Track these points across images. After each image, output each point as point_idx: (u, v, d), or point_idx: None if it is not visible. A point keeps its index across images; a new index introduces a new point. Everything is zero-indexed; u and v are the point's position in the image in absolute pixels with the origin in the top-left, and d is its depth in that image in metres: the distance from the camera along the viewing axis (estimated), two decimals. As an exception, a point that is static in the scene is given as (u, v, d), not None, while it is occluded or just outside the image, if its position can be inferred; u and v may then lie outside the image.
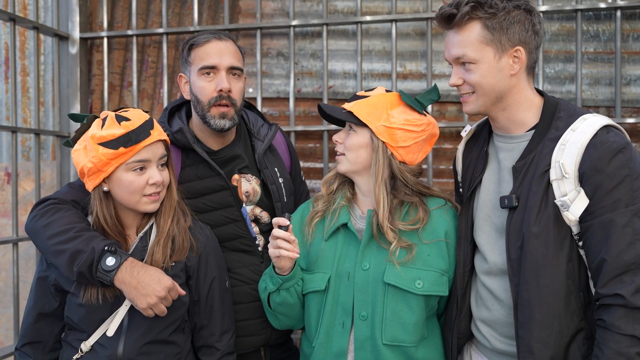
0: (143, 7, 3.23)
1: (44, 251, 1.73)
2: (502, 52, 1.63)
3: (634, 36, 2.79)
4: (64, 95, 3.16)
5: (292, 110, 2.98)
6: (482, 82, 1.65)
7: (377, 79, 3.02)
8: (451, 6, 1.65)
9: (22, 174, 3.26)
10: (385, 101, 1.82)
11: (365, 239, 1.79)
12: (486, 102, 1.68)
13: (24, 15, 3.30)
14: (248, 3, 3.14)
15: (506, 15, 1.62)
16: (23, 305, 3.10)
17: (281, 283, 1.76)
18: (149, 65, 3.23)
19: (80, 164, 1.70)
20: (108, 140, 1.66)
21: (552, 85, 2.86)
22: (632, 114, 2.80)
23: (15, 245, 2.78)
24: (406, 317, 1.74)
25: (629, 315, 1.46)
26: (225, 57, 2.00)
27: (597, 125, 1.56)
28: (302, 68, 3.09)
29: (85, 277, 1.65)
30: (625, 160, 1.51)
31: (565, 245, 1.57)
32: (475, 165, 1.81)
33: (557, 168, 1.57)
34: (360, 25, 2.91)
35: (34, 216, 1.76)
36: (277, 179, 2.14)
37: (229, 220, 2.04)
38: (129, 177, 1.69)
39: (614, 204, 1.49)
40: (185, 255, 1.79)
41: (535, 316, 1.56)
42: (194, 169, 2.05)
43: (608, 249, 1.48)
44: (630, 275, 1.47)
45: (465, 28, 1.64)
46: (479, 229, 1.77)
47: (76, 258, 1.64)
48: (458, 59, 1.67)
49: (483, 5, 1.61)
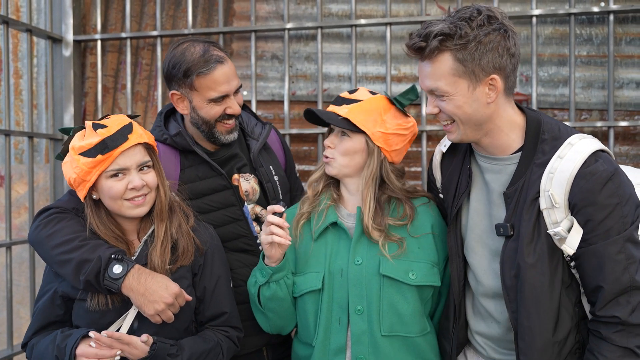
0: (137, 10, 3.22)
1: (48, 261, 1.73)
2: (476, 82, 1.57)
3: (627, 40, 2.81)
4: (57, 98, 3.15)
5: (286, 113, 2.98)
6: (457, 112, 1.61)
7: (371, 82, 3.03)
8: (420, 37, 1.58)
9: (14, 177, 3.24)
10: (377, 106, 1.85)
11: (356, 235, 1.83)
12: (467, 130, 1.65)
13: (16, 17, 3.28)
14: (242, 6, 3.14)
15: (477, 45, 1.54)
16: (16, 309, 3.09)
17: (271, 274, 1.77)
18: (142, 67, 3.22)
19: (67, 175, 1.72)
20: (86, 150, 1.67)
21: (545, 89, 2.87)
22: (624, 117, 2.82)
23: (8, 249, 2.77)
24: (402, 308, 1.78)
25: (625, 331, 1.51)
26: (232, 80, 2.00)
27: (586, 153, 1.54)
28: (297, 71, 3.09)
29: (93, 286, 1.65)
30: (615, 188, 1.52)
31: (559, 270, 1.59)
32: (458, 180, 1.80)
33: (546, 197, 1.56)
34: (354, 29, 2.92)
35: (37, 226, 1.76)
36: (273, 176, 2.15)
37: (231, 219, 2.05)
38: (109, 183, 1.70)
39: (606, 233, 1.51)
40: (191, 259, 1.80)
41: (537, 343, 1.58)
42: (195, 170, 2.05)
43: (604, 277, 1.51)
44: (626, 297, 1.51)
45: (436, 60, 1.58)
46: (471, 250, 1.77)
47: (82, 267, 1.64)
48: (432, 91, 1.64)
49: (453, 37, 1.54)
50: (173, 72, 1.99)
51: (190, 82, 1.96)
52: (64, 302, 1.76)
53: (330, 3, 3.06)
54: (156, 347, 1.67)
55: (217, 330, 1.86)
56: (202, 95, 1.97)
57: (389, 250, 1.80)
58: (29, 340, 1.80)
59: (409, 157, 2.99)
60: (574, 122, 2.72)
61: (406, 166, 2.97)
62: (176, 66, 1.97)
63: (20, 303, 3.21)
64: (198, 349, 1.77)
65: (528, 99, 2.87)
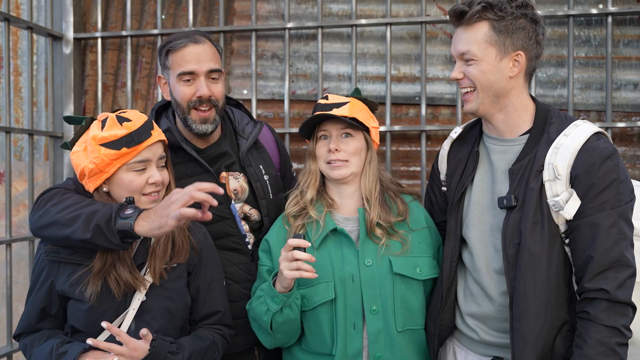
0: (137, 8, 3.22)
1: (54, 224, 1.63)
2: (504, 54, 1.71)
3: (625, 42, 2.83)
4: (57, 95, 3.15)
5: (286, 112, 2.99)
6: (481, 78, 1.73)
7: (371, 82, 3.04)
8: (464, 4, 1.74)
9: (14, 174, 3.24)
10: (362, 105, 1.96)
11: (362, 237, 1.85)
12: (485, 100, 1.75)
13: (17, 14, 3.28)
14: (243, 5, 3.15)
15: (513, 20, 1.70)
16: (16, 306, 3.08)
17: (286, 300, 1.75)
18: (143, 66, 3.23)
19: (81, 165, 1.69)
20: (110, 141, 1.66)
21: (544, 90, 2.89)
22: (622, 119, 2.84)
23: (8, 246, 2.77)
24: (412, 303, 1.85)
25: (611, 309, 1.57)
26: (203, 61, 2.00)
27: (589, 132, 1.67)
28: (297, 70, 3.10)
29: (102, 233, 1.57)
30: (614, 166, 1.63)
31: (557, 241, 1.67)
32: (465, 165, 1.87)
33: (550, 170, 1.66)
34: (355, 28, 2.93)
35: (40, 201, 1.72)
36: (262, 176, 2.15)
37: (218, 217, 2.04)
38: (129, 176, 1.69)
39: (602, 205, 1.61)
40: (186, 257, 1.79)
41: (531, 308, 1.64)
42: (184, 167, 2.06)
43: (595, 247, 1.59)
44: (614, 271, 1.58)
45: (473, 26, 1.73)
46: (471, 226, 1.83)
47: (93, 216, 1.59)
48: (462, 55, 1.75)
49: (493, 8, 1.70)
50: (159, 56, 2.07)
51: (165, 60, 2.03)
52: (59, 299, 1.74)
53: (330, 3, 3.07)
54: (156, 344, 1.66)
55: (210, 329, 1.86)
56: (174, 72, 2.01)
57: (394, 249, 1.84)
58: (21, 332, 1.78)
59: (408, 156, 3.00)
60: (572, 123, 2.74)
61: (405, 166, 3.00)
62: (161, 48, 2.05)
63: (19, 300, 3.20)
64: (197, 346, 1.78)
65: (527, 100, 2.88)
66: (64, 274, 1.71)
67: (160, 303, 1.73)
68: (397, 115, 3.02)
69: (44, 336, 1.76)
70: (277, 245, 1.91)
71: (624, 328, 1.58)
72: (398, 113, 3.03)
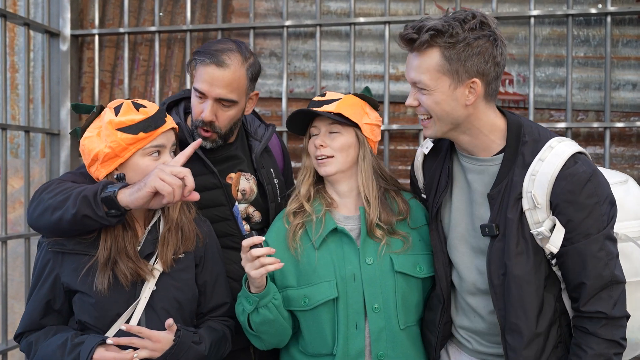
0: (135, 5, 3.21)
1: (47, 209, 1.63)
2: (457, 82, 1.62)
3: (624, 41, 2.83)
4: (54, 92, 3.14)
5: (284, 111, 2.98)
6: (435, 108, 1.66)
7: (369, 80, 3.03)
8: (413, 29, 1.64)
9: (10, 171, 3.23)
10: (357, 100, 1.92)
11: (363, 236, 1.85)
12: (443, 128, 1.69)
13: (14, 11, 3.27)
14: (241, 2, 3.13)
15: (465, 47, 1.59)
16: (10, 303, 3.08)
17: (258, 300, 1.76)
18: (140, 63, 3.21)
19: (95, 150, 1.67)
20: (127, 126, 1.66)
21: (542, 89, 2.89)
22: (620, 119, 2.84)
23: (4, 243, 2.75)
24: (410, 300, 1.85)
25: (609, 324, 1.59)
26: (216, 87, 1.94)
27: (565, 156, 1.59)
28: (295, 68, 3.09)
29: (88, 204, 1.56)
30: (594, 188, 1.58)
31: (542, 267, 1.65)
32: (439, 179, 1.84)
33: (529, 199, 1.61)
34: (353, 27, 2.92)
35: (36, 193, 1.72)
36: (273, 179, 2.15)
37: (219, 218, 2.05)
38: (145, 161, 1.69)
39: (587, 231, 1.58)
40: (194, 244, 1.80)
41: (525, 339, 1.63)
42: (189, 165, 2.01)
43: (587, 274, 1.58)
44: (608, 291, 1.58)
45: (424, 53, 1.63)
46: (454, 248, 1.81)
47: (82, 192, 1.58)
48: (415, 83, 1.68)
49: (444, 34, 1.59)
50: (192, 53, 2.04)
51: (193, 63, 2.00)
52: (64, 293, 1.70)
53: (329, 1, 3.06)
54: (181, 334, 1.65)
55: (218, 321, 1.87)
56: (193, 81, 1.99)
57: (395, 247, 1.84)
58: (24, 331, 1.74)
59: (406, 155, 3.00)
60: (570, 123, 2.74)
61: (403, 165, 2.99)
62: (196, 52, 2.01)
63: (15, 298, 3.20)
64: (214, 337, 1.79)
65: (525, 99, 2.88)
66: (69, 265, 1.68)
67: (169, 292, 1.72)
68: (395, 114, 3.01)
69: (51, 331, 1.71)
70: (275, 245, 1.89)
71: (621, 339, 1.60)
72: (396, 112, 3.02)
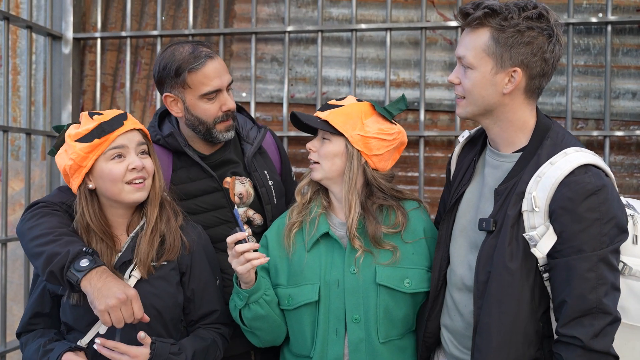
0: (137, 9, 3.22)
1: (27, 253, 1.73)
2: (499, 67, 1.58)
3: (624, 50, 2.84)
4: (55, 95, 3.15)
5: (285, 116, 2.98)
6: (472, 89, 1.63)
7: (370, 87, 3.04)
8: (473, 5, 1.62)
9: (10, 173, 3.23)
10: (359, 110, 1.87)
11: (349, 245, 1.84)
12: (474, 111, 1.66)
13: (16, 13, 3.28)
14: (243, 7, 3.14)
15: (515, 33, 1.55)
16: (10, 306, 3.08)
17: (248, 296, 1.77)
18: (142, 67, 3.22)
19: (62, 165, 1.74)
20: (83, 135, 1.70)
21: (542, 97, 2.89)
22: (620, 127, 2.84)
23: (3, 245, 2.76)
24: (395, 314, 1.81)
25: (586, 356, 1.46)
26: (223, 75, 1.99)
27: (576, 163, 1.51)
28: (296, 74, 3.10)
29: (55, 277, 1.63)
30: (598, 203, 1.47)
31: (531, 276, 1.55)
32: (464, 173, 1.81)
33: (529, 200, 1.54)
34: (355, 33, 2.93)
35: (23, 219, 1.77)
36: (267, 181, 2.15)
37: (221, 221, 2.06)
38: (109, 166, 1.71)
39: (579, 247, 1.47)
40: (178, 254, 1.80)
41: (493, 343, 1.55)
42: (186, 171, 2.06)
43: (570, 291, 1.47)
44: (590, 319, 1.46)
45: (475, 31, 1.61)
46: (453, 239, 1.78)
47: (52, 259, 1.63)
48: (460, 59, 1.66)
49: (497, 15, 1.56)
50: (164, 74, 1.99)
51: (182, 80, 1.96)
52: (51, 298, 1.79)
53: (331, 7, 3.07)
54: (156, 346, 1.66)
55: (209, 329, 1.87)
56: (195, 92, 1.97)
57: (382, 259, 1.81)
58: (21, 331, 1.84)
59: (405, 162, 3.00)
60: (570, 131, 2.74)
61: (403, 171, 3.00)
62: (167, 67, 1.98)
63: (14, 300, 3.20)
64: (199, 346, 1.78)
65: (525, 107, 2.88)
66: None
67: (147, 300, 1.72)
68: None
69: (37, 335, 1.80)
70: (274, 241, 1.92)
71: None
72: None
